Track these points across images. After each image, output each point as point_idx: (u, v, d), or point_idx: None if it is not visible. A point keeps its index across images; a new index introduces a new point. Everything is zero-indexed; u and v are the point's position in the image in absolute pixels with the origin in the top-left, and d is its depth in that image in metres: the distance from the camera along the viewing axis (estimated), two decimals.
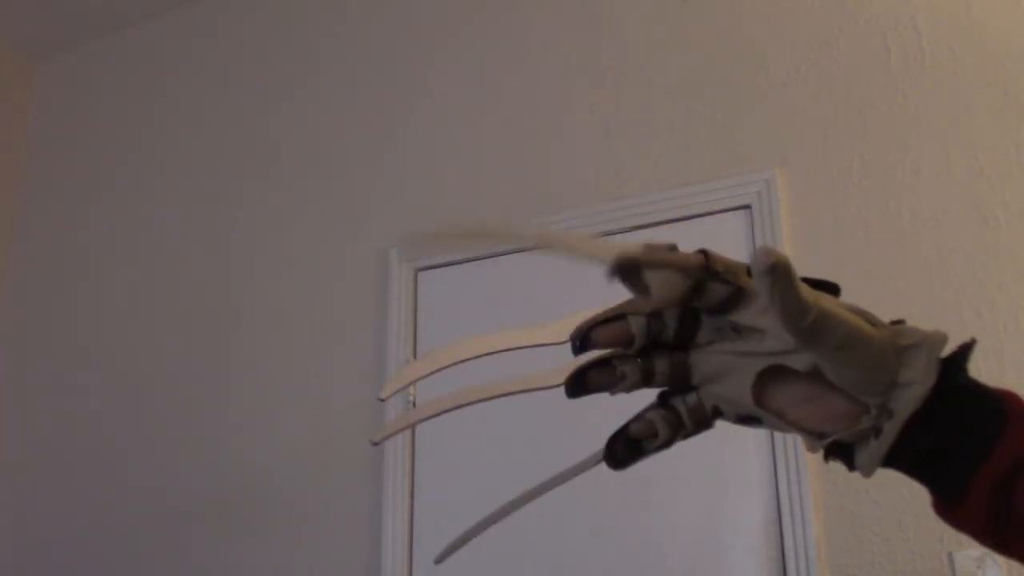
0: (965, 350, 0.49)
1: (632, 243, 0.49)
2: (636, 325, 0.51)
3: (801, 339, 0.45)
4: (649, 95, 2.01)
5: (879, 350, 0.47)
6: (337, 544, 2.06)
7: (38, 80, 3.04)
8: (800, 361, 0.48)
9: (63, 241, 2.79)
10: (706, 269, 0.48)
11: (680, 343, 0.52)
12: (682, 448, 0.54)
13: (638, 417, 0.52)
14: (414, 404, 2.04)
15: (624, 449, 0.53)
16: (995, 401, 0.48)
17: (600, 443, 0.54)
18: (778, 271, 0.42)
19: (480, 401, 0.56)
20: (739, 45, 1.95)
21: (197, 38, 2.77)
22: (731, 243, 1.83)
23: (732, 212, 1.85)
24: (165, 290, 2.54)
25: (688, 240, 2.04)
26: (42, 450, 2.58)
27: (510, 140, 2.15)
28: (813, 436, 0.49)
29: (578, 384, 0.52)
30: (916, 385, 0.47)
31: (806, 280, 0.49)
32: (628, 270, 0.49)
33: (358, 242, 2.27)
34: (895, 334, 0.48)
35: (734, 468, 1.70)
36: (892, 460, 0.49)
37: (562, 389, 0.52)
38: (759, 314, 0.48)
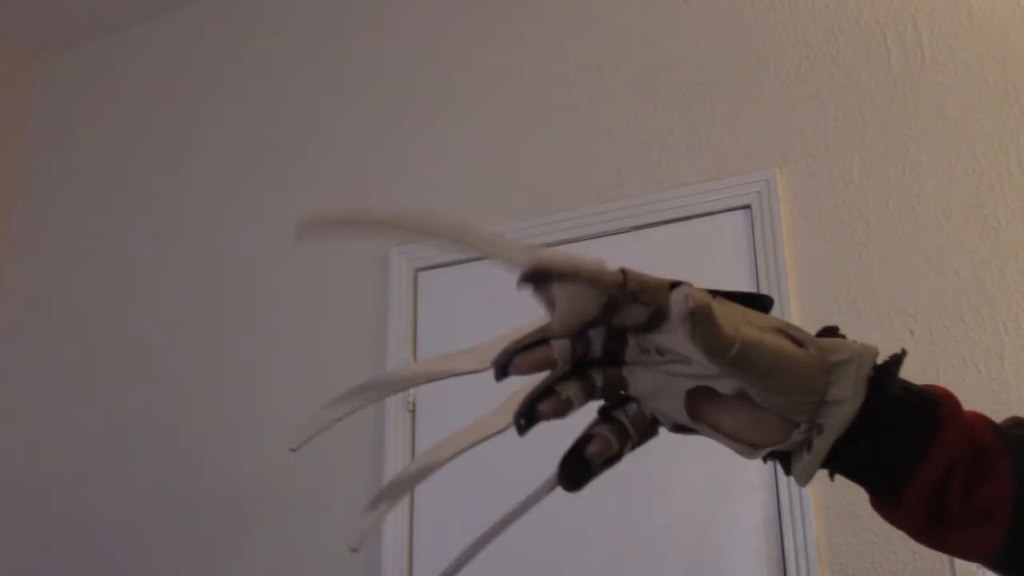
0: (895, 361, 0.49)
1: (552, 251, 0.48)
2: (559, 349, 0.50)
3: (725, 370, 0.46)
4: (649, 95, 2.01)
5: (805, 372, 0.47)
6: (337, 543, 2.06)
7: (38, 80, 3.04)
8: (726, 386, 0.48)
9: (63, 241, 2.79)
10: (621, 288, 0.47)
11: (612, 361, 0.51)
12: (682, 449, 0.54)
13: (588, 436, 0.52)
14: (413, 406, 2.05)
15: (579, 469, 0.52)
16: (929, 407, 0.49)
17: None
18: (697, 317, 0.42)
19: (438, 467, 0.55)
20: (739, 45, 1.95)
21: (197, 38, 2.77)
22: (731, 243, 1.83)
23: (732, 212, 1.85)
24: (165, 290, 2.54)
25: (688, 240, 2.05)
26: (42, 450, 2.58)
27: (510, 140, 2.15)
28: (747, 448, 0.49)
29: (529, 420, 0.50)
30: (845, 403, 0.47)
31: (736, 295, 0.50)
32: (540, 280, 0.48)
33: (358, 242, 2.27)
34: (824, 351, 0.48)
35: (734, 469, 1.70)
36: (834, 467, 0.50)
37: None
38: (682, 340, 0.47)
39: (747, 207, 1.83)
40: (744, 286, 1.78)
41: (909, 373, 0.50)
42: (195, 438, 2.33)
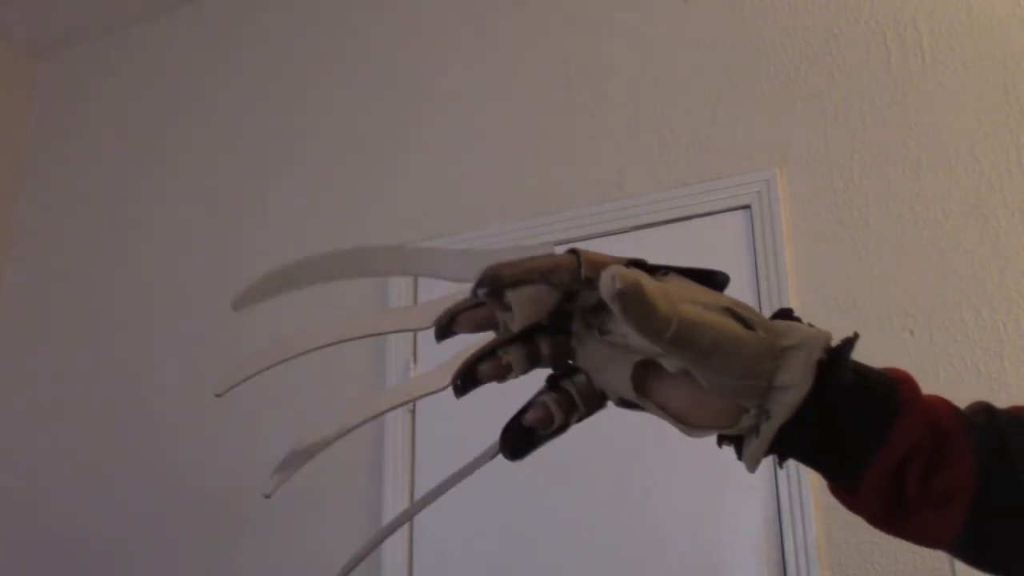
0: (847, 346, 0.48)
1: (500, 255, 0.47)
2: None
3: (665, 349, 0.44)
4: (649, 95, 2.01)
5: (752, 355, 0.45)
6: (337, 544, 2.06)
7: (38, 80, 3.04)
8: (668, 364, 0.47)
9: (63, 241, 2.79)
10: (577, 278, 0.47)
11: (558, 330, 0.50)
12: (682, 447, 0.53)
13: (531, 404, 0.51)
14: (414, 405, 2.04)
15: (519, 438, 0.51)
16: (887, 392, 0.48)
17: (598, 441, 0.54)
18: (625, 297, 0.41)
19: (363, 423, 0.54)
20: (739, 45, 1.95)
21: (197, 38, 2.77)
22: (731, 243, 1.83)
23: (732, 212, 1.85)
24: (165, 289, 2.54)
25: (688, 240, 2.04)
26: (42, 449, 2.58)
27: (510, 140, 2.15)
28: (694, 428, 0.48)
29: (468, 380, 0.50)
30: (792, 389, 0.46)
31: (689, 271, 0.49)
32: (494, 291, 0.47)
33: (358, 242, 2.27)
34: (774, 335, 0.47)
35: (734, 468, 1.70)
36: (781, 454, 0.49)
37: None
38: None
39: (747, 207, 1.84)
40: (744, 286, 1.78)
41: (910, 373, 0.50)
42: (194, 438, 2.33)
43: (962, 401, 0.52)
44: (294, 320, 2.30)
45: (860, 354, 0.50)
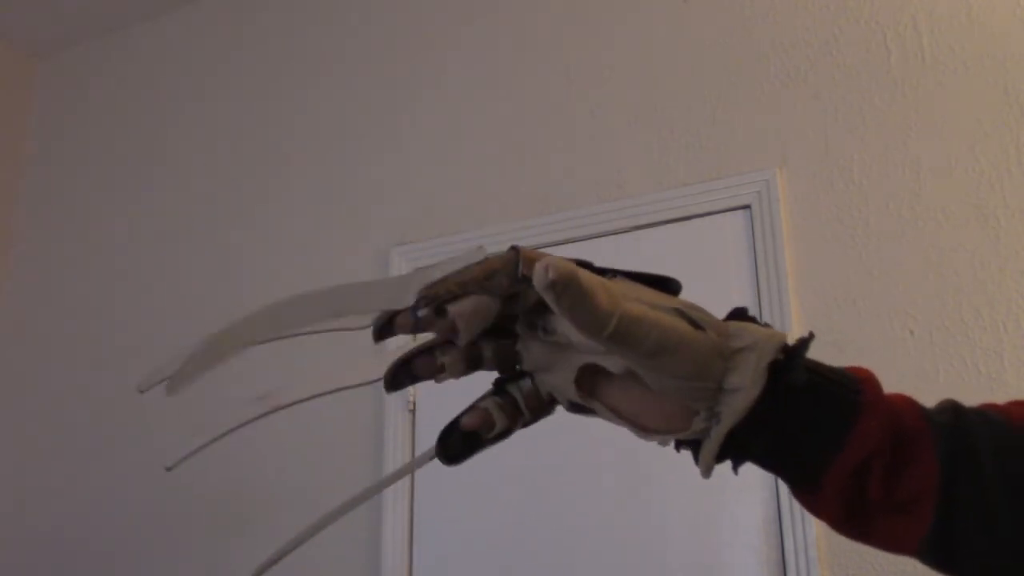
0: (802, 346, 0.47)
1: (430, 272, 0.46)
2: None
3: (607, 346, 0.43)
4: (649, 95, 2.01)
5: (700, 357, 0.44)
6: (337, 544, 2.06)
7: (38, 80, 3.04)
8: (613, 364, 0.46)
9: (63, 241, 2.79)
10: (515, 281, 0.45)
11: (502, 332, 0.49)
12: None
13: (472, 407, 0.49)
14: (414, 405, 2.04)
15: (459, 443, 0.50)
16: (848, 393, 0.46)
17: (597, 441, 0.53)
18: (558, 287, 0.39)
19: (291, 405, 0.54)
20: (739, 45, 1.95)
21: (197, 38, 2.77)
22: (731, 243, 1.83)
23: (732, 212, 1.85)
24: (165, 289, 2.54)
25: (688, 240, 2.04)
26: (42, 449, 2.58)
27: (510, 140, 2.15)
28: (646, 433, 0.47)
29: (403, 374, 0.49)
30: (741, 392, 0.44)
31: (641, 275, 0.48)
32: (435, 309, 0.46)
33: (358, 242, 2.27)
34: (725, 337, 0.45)
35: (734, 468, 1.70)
36: (737, 458, 0.47)
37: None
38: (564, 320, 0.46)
39: (747, 207, 1.83)
40: (744, 286, 1.78)
41: (909, 373, 0.50)
42: (195, 438, 2.33)
43: (963, 401, 0.51)
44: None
45: (861, 354, 0.50)
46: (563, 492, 1.85)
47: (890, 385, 0.52)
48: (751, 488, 1.68)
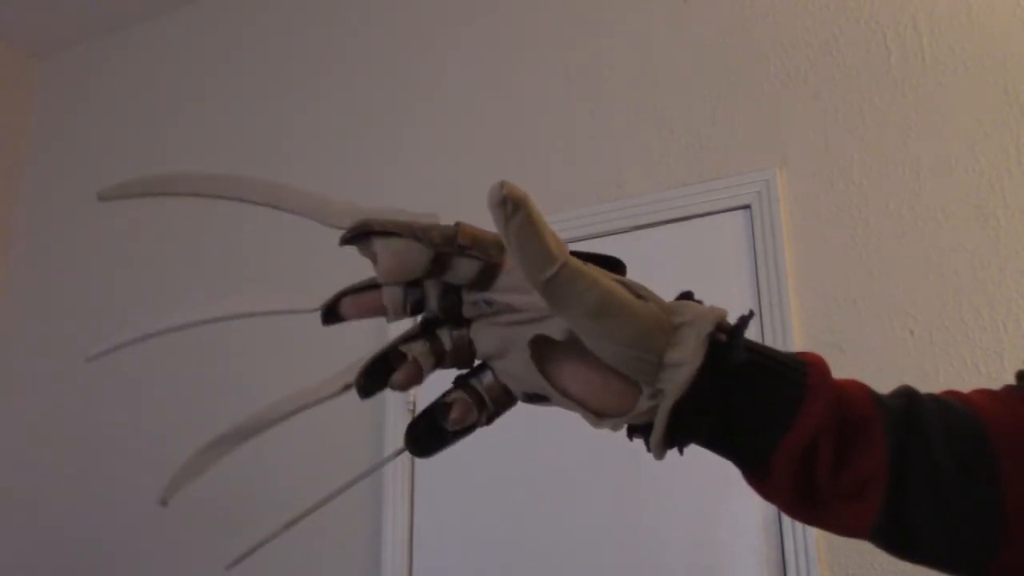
0: (741, 324, 0.46)
1: (376, 210, 0.46)
2: (390, 296, 0.48)
3: (547, 296, 0.42)
4: (649, 95, 2.01)
5: (642, 325, 0.43)
6: (337, 544, 2.06)
7: (39, 80, 3.04)
8: (555, 328, 0.45)
9: (63, 241, 2.79)
10: (449, 242, 0.45)
11: (451, 317, 0.49)
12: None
13: (443, 403, 0.49)
14: (414, 406, 2.04)
15: (427, 437, 0.50)
16: (794, 375, 0.46)
17: (597, 441, 0.53)
18: (509, 207, 0.38)
19: (257, 433, 0.54)
20: (739, 45, 1.95)
21: (197, 38, 2.77)
22: (731, 243, 1.83)
23: (732, 212, 1.85)
24: (165, 288, 2.54)
25: (688, 240, 2.04)
26: (42, 449, 2.58)
27: (510, 140, 2.15)
28: (594, 417, 0.46)
29: (370, 380, 0.49)
30: (684, 367, 0.43)
31: (585, 255, 0.47)
32: (360, 238, 0.46)
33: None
34: (666, 311, 0.45)
35: (734, 468, 1.70)
36: (685, 439, 0.47)
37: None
38: (509, 291, 0.46)
39: (747, 207, 1.83)
40: (744, 286, 1.78)
41: (909, 373, 0.50)
42: (195, 438, 2.33)
43: None
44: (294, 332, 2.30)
45: (861, 354, 0.50)
46: (563, 492, 1.85)
47: (890, 385, 0.52)
48: (752, 488, 1.68)
